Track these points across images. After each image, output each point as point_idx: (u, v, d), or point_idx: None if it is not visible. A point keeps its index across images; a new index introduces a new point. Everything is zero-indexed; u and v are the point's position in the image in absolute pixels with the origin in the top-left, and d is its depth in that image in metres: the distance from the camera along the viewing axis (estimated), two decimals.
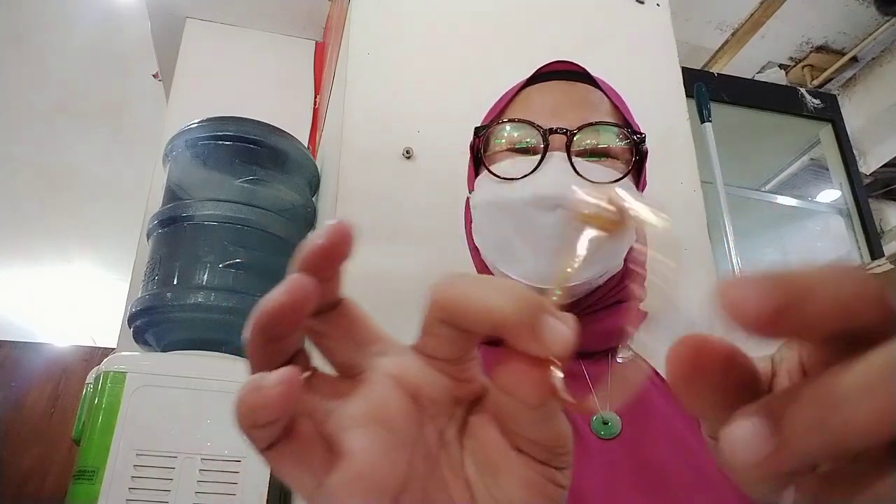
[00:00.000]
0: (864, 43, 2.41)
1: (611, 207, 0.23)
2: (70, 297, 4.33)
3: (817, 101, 2.34)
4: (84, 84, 2.71)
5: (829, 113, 2.36)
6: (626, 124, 0.62)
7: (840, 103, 2.45)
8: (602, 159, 0.58)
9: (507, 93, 0.66)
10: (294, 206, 1.28)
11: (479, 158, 0.62)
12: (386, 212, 0.99)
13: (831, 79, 2.55)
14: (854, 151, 2.39)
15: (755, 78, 2.53)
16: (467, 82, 1.12)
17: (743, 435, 0.16)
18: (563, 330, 0.20)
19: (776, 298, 0.16)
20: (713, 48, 2.35)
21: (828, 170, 2.41)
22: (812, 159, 2.54)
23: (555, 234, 0.55)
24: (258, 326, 0.21)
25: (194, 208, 1.18)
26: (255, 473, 1.00)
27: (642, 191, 0.62)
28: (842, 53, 2.46)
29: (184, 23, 1.84)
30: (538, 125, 0.58)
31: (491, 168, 0.60)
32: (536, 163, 0.57)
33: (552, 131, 0.57)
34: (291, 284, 0.21)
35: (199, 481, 0.97)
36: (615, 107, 0.63)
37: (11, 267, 4.14)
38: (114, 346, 1.43)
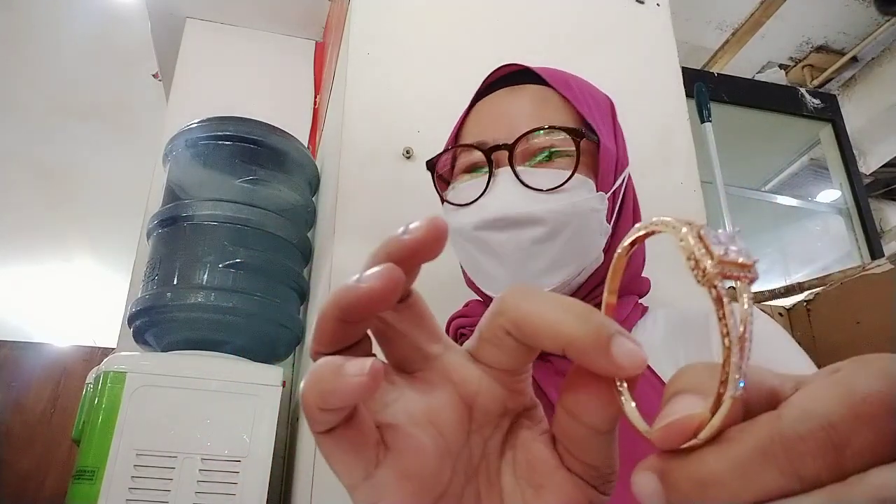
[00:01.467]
0: (864, 43, 2.41)
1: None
2: (70, 297, 4.33)
3: (817, 101, 2.34)
4: (84, 84, 2.71)
5: (829, 113, 2.36)
6: (577, 119, 0.61)
7: (840, 103, 2.45)
8: (551, 162, 0.58)
9: (463, 113, 0.68)
10: (294, 206, 1.28)
11: (437, 186, 0.65)
12: (386, 212, 0.99)
13: (831, 79, 2.55)
14: (854, 151, 2.39)
15: (755, 78, 2.53)
16: (467, 82, 1.12)
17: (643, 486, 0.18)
18: (634, 350, 0.20)
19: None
20: (713, 48, 2.35)
21: (828, 170, 2.41)
22: (812, 159, 2.54)
23: (514, 249, 0.56)
24: (342, 307, 0.21)
25: (194, 208, 1.18)
26: (255, 473, 1.00)
27: (614, 187, 0.61)
28: (842, 53, 2.46)
29: (184, 23, 1.84)
30: (478, 145, 0.59)
31: (446, 194, 0.62)
32: (484, 185, 0.58)
33: (494, 149, 0.58)
34: (386, 273, 0.21)
35: (199, 481, 0.97)
36: (565, 100, 0.62)
37: (11, 267, 4.14)
38: (114, 346, 1.43)
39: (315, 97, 1.80)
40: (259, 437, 1.02)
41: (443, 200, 0.65)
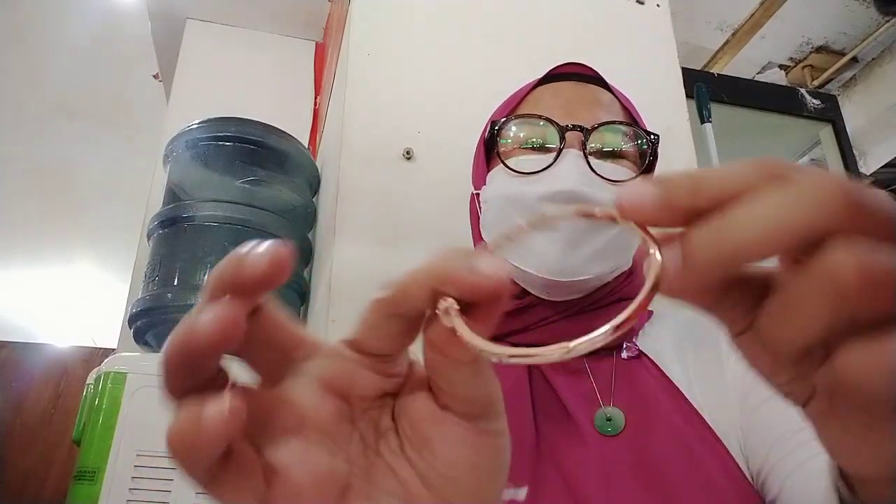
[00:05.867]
0: (864, 43, 2.41)
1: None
2: (70, 298, 4.33)
3: (817, 102, 2.34)
4: (84, 84, 2.71)
5: (829, 113, 2.36)
6: (637, 125, 0.63)
7: (840, 103, 2.45)
8: (616, 159, 0.59)
9: (518, 92, 0.66)
10: (294, 206, 1.28)
11: (493, 152, 0.63)
12: (386, 212, 1.00)
13: (831, 79, 2.55)
14: (854, 152, 2.38)
15: (755, 78, 2.53)
16: (468, 83, 1.12)
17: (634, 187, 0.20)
18: (492, 262, 0.21)
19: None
20: (713, 48, 2.35)
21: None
22: (812, 160, 2.54)
23: (573, 229, 0.56)
24: (182, 353, 0.20)
25: (195, 209, 1.18)
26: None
27: None
28: (842, 54, 2.46)
29: (184, 23, 1.84)
30: (555, 122, 0.58)
31: (506, 162, 0.60)
32: (553, 158, 0.57)
33: (569, 128, 0.58)
34: (222, 314, 0.20)
35: None
36: (626, 110, 0.64)
37: (11, 267, 4.14)
38: (114, 346, 1.44)
39: (315, 98, 1.80)
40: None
41: (487, 168, 0.64)
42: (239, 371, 0.23)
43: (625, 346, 0.59)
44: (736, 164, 0.19)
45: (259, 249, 0.21)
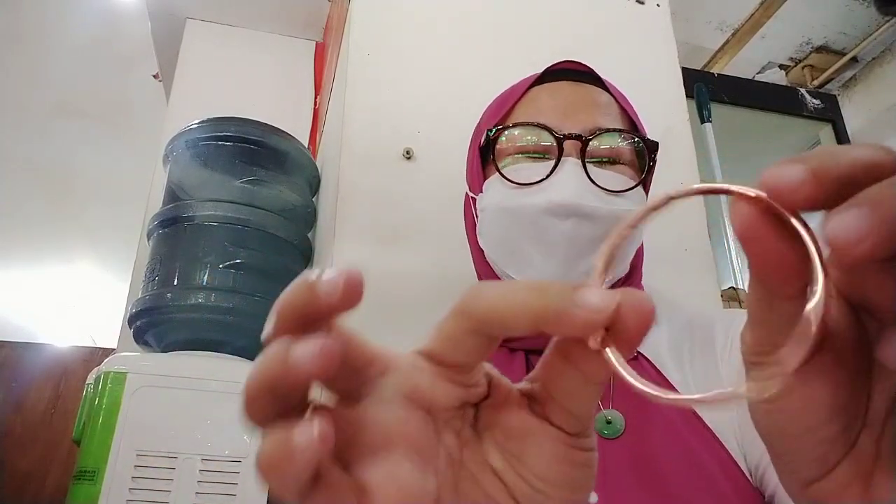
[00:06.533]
0: (864, 43, 2.41)
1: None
2: (70, 298, 4.33)
3: (817, 102, 2.34)
4: (84, 84, 2.71)
5: (830, 113, 2.36)
6: (635, 130, 0.62)
7: (840, 103, 2.45)
8: (614, 166, 0.58)
9: (512, 91, 0.65)
10: (294, 206, 1.28)
11: (488, 160, 0.61)
12: (386, 212, 0.99)
13: (831, 79, 2.55)
14: None
15: (755, 78, 2.52)
16: (468, 82, 1.12)
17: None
18: (600, 294, 0.20)
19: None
20: (713, 48, 2.35)
21: None
22: None
23: (568, 242, 0.55)
24: (274, 388, 0.20)
25: (194, 209, 1.18)
26: (255, 474, 1.00)
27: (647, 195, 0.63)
28: (842, 54, 2.46)
29: (184, 23, 1.84)
30: (553, 130, 0.57)
31: (503, 171, 0.59)
32: (550, 169, 0.56)
33: (567, 137, 0.56)
34: (326, 350, 0.20)
35: (199, 481, 0.97)
36: (623, 110, 0.62)
37: (11, 267, 4.14)
38: (114, 346, 1.43)
39: (315, 98, 1.80)
40: (259, 438, 1.01)
41: (483, 175, 0.63)
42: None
43: None
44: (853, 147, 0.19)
45: (331, 274, 0.21)
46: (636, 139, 0.59)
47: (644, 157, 0.60)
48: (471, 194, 0.65)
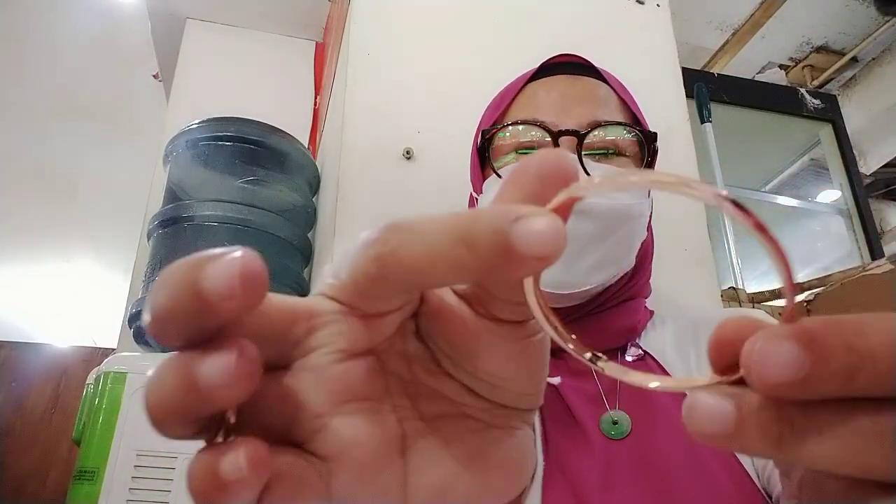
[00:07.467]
0: (864, 43, 2.41)
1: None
2: (70, 298, 4.33)
3: (817, 102, 2.34)
4: (84, 84, 2.71)
5: (829, 113, 2.36)
6: (635, 121, 0.61)
7: (840, 103, 2.45)
8: (614, 159, 0.57)
9: (510, 88, 0.64)
10: (294, 206, 1.28)
11: (486, 160, 0.61)
12: (386, 212, 0.99)
13: (831, 79, 2.55)
14: (854, 151, 2.39)
15: (755, 78, 2.53)
16: (467, 82, 1.12)
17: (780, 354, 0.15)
18: (541, 223, 0.17)
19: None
20: (713, 48, 2.35)
21: (828, 170, 2.41)
22: (812, 159, 2.54)
23: (571, 241, 0.55)
24: (175, 413, 0.18)
25: (195, 209, 1.18)
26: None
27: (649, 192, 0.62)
28: (842, 53, 2.46)
29: (184, 23, 1.84)
30: (548, 126, 0.56)
31: (499, 171, 0.58)
32: None
33: (562, 133, 0.56)
34: (240, 373, 0.17)
35: None
36: (622, 101, 0.62)
37: (11, 267, 4.14)
38: (114, 346, 1.43)
39: (315, 97, 1.80)
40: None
41: (483, 175, 0.62)
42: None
43: (629, 348, 0.58)
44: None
45: (221, 266, 0.17)
46: (634, 130, 0.58)
47: (644, 149, 0.59)
48: (474, 194, 0.65)
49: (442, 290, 0.22)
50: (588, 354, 0.19)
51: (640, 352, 0.58)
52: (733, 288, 1.53)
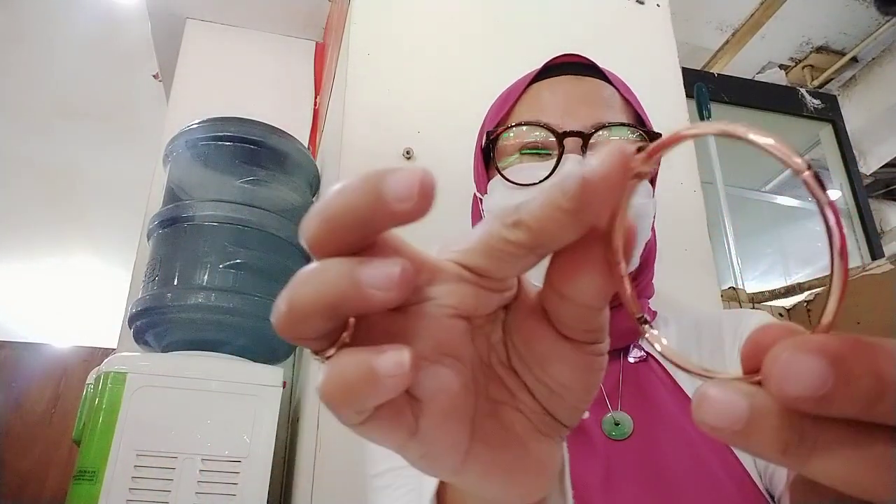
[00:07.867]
0: (864, 43, 2.41)
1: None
2: (70, 298, 4.33)
3: (817, 102, 2.34)
4: (84, 84, 2.71)
5: (829, 113, 2.36)
6: (639, 121, 0.61)
7: (840, 103, 2.45)
8: None
9: (514, 88, 0.64)
10: (294, 206, 1.28)
11: (490, 161, 0.61)
12: None
13: (831, 79, 2.55)
14: (854, 151, 2.39)
15: (755, 78, 2.53)
16: (467, 82, 1.12)
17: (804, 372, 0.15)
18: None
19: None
20: (713, 48, 2.35)
21: (828, 170, 2.41)
22: (812, 159, 2.54)
23: None
24: (332, 309, 0.19)
25: (195, 209, 1.18)
26: (256, 474, 1.00)
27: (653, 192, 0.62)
28: (842, 53, 2.46)
29: (184, 23, 1.84)
30: (552, 128, 0.56)
31: (504, 172, 0.58)
32: (552, 168, 0.55)
33: (567, 134, 0.56)
34: (403, 279, 0.19)
35: (199, 481, 0.97)
36: (626, 102, 0.61)
37: (11, 267, 4.14)
38: (114, 346, 1.43)
39: (315, 98, 1.80)
40: (259, 438, 1.02)
41: (487, 176, 0.62)
42: None
43: (632, 349, 0.58)
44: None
45: (404, 176, 0.18)
46: (638, 131, 0.58)
47: None
48: (478, 195, 0.65)
49: (534, 291, 0.24)
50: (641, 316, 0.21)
51: (643, 353, 0.58)
52: (733, 288, 1.53)
